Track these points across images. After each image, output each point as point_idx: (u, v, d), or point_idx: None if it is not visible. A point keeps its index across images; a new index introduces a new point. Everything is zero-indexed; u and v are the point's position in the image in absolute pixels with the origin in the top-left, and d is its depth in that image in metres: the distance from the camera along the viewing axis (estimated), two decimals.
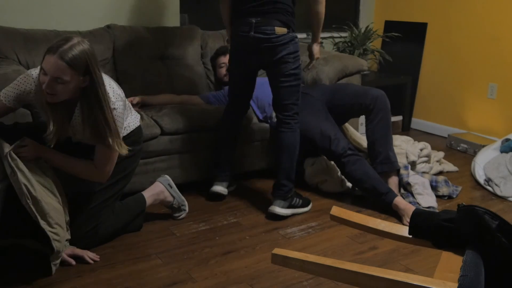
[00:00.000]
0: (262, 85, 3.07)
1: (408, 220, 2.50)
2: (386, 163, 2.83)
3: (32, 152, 2.01)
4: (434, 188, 2.91)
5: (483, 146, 3.59)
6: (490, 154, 3.32)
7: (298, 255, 1.33)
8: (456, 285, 1.15)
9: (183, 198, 2.59)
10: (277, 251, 1.35)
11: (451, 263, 1.32)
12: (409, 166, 2.98)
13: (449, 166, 3.38)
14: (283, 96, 2.63)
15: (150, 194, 2.46)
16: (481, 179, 3.14)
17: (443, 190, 2.91)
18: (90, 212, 2.19)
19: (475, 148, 3.67)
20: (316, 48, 2.85)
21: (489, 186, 3.06)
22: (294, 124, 2.65)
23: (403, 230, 1.51)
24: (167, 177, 2.57)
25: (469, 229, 1.31)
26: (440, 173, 3.31)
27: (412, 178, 2.86)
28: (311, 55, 2.87)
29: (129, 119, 2.28)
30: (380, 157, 2.85)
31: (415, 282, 1.18)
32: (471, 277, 1.16)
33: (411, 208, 2.57)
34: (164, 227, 2.50)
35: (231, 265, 2.17)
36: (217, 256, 2.24)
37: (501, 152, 3.30)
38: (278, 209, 2.60)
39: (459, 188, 2.99)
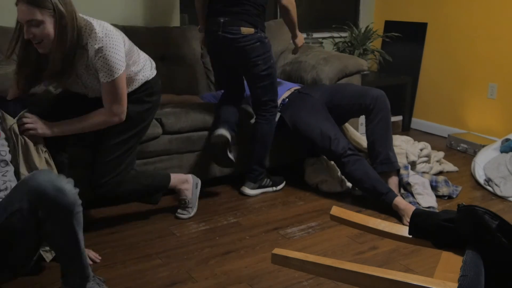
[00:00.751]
0: None
1: (408, 220, 2.52)
2: (386, 163, 2.83)
3: (39, 126, 2.02)
4: (434, 188, 2.91)
5: (483, 146, 3.59)
6: (490, 154, 3.32)
7: (298, 255, 1.33)
8: (456, 285, 1.15)
9: (196, 203, 2.65)
10: (277, 251, 1.35)
11: (451, 263, 1.32)
12: (409, 166, 2.98)
13: (449, 166, 3.38)
14: (260, 94, 2.85)
15: (176, 176, 2.52)
16: (481, 179, 3.14)
17: (443, 190, 2.91)
18: (109, 164, 2.23)
19: (475, 148, 3.67)
20: (297, 41, 3.05)
21: (489, 186, 3.06)
22: (269, 116, 2.88)
23: (403, 230, 1.51)
24: (199, 179, 2.65)
25: (469, 229, 1.31)
26: (440, 173, 3.31)
27: (412, 178, 2.86)
28: (296, 45, 3.09)
29: (142, 67, 2.27)
30: (380, 157, 2.84)
31: (415, 282, 1.18)
32: (471, 277, 1.16)
33: (411, 208, 2.57)
34: (164, 227, 2.51)
35: (231, 265, 2.17)
36: (217, 256, 2.24)
37: (501, 152, 3.30)
38: (248, 190, 2.92)
39: (459, 188, 2.99)
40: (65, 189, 1.63)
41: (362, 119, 3.77)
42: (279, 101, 3.01)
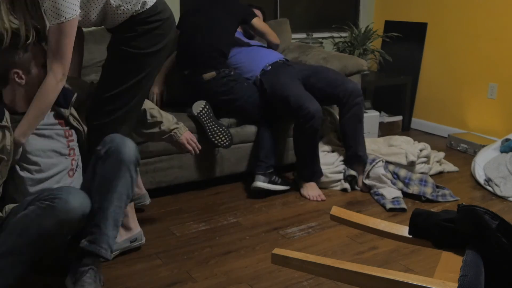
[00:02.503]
0: (252, 51, 3.18)
1: (307, 193, 2.87)
2: (354, 156, 2.98)
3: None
4: (406, 184, 2.93)
5: (483, 146, 3.59)
6: (490, 154, 3.32)
7: (298, 255, 1.33)
8: (456, 285, 1.15)
9: (114, 253, 2.19)
10: (277, 251, 1.35)
11: (451, 263, 1.32)
12: (375, 160, 2.99)
13: (449, 166, 3.38)
14: (255, 117, 2.96)
15: (132, 212, 2.26)
16: (481, 179, 3.14)
17: (414, 188, 2.90)
18: (106, 100, 2.02)
19: (475, 148, 3.67)
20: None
21: (489, 186, 3.06)
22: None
23: (403, 230, 1.51)
24: (141, 241, 2.28)
25: (469, 229, 1.31)
26: (440, 173, 3.31)
27: (373, 171, 2.95)
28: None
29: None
30: (350, 151, 2.99)
31: (415, 282, 1.18)
32: (471, 277, 1.16)
33: (313, 185, 2.90)
34: (164, 227, 2.51)
35: (231, 265, 2.17)
36: (217, 256, 2.24)
37: (501, 152, 3.30)
38: (260, 183, 2.81)
39: (446, 193, 2.92)
40: (127, 141, 1.85)
41: None
42: (261, 68, 3.04)
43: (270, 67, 3.04)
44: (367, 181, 2.95)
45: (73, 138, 2.00)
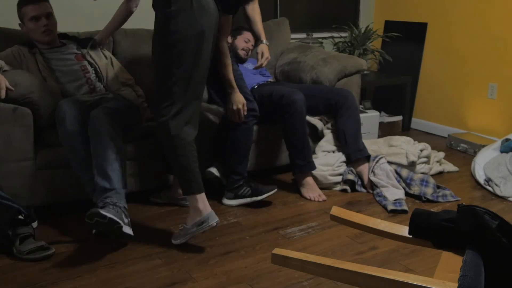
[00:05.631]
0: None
1: (306, 191, 2.87)
2: (356, 151, 3.00)
3: None
4: (407, 185, 2.93)
5: (483, 146, 3.59)
6: (490, 154, 3.32)
7: (298, 255, 1.33)
8: (456, 285, 1.15)
9: (186, 239, 2.30)
10: (277, 251, 1.35)
11: (451, 263, 1.32)
12: (378, 156, 3.00)
13: (449, 166, 3.38)
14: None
15: (203, 200, 2.28)
16: (481, 179, 3.14)
17: (415, 189, 2.90)
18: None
19: (475, 148, 3.67)
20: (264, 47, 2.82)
21: (489, 186, 3.06)
22: (245, 124, 2.70)
23: (403, 230, 1.51)
24: (214, 222, 2.25)
25: (469, 229, 1.31)
26: (440, 173, 3.31)
27: (378, 168, 2.93)
28: (261, 55, 2.80)
29: None
30: (351, 147, 3.00)
31: (415, 282, 1.17)
32: (471, 277, 1.16)
33: (310, 181, 2.89)
34: (164, 227, 2.51)
35: (231, 265, 2.17)
36: (217, 256, 2.24)
37: (501, 152, 3.30)
38: (225, 201, 2.79)
39: (447, 193, 2.92)
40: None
41: (361, 119, 3.77)
42: (251, 86, 3.10)
43: (257, 86, 3.12)
44: (372, 178, 2.94)
45: (89, 71, 2.70)
